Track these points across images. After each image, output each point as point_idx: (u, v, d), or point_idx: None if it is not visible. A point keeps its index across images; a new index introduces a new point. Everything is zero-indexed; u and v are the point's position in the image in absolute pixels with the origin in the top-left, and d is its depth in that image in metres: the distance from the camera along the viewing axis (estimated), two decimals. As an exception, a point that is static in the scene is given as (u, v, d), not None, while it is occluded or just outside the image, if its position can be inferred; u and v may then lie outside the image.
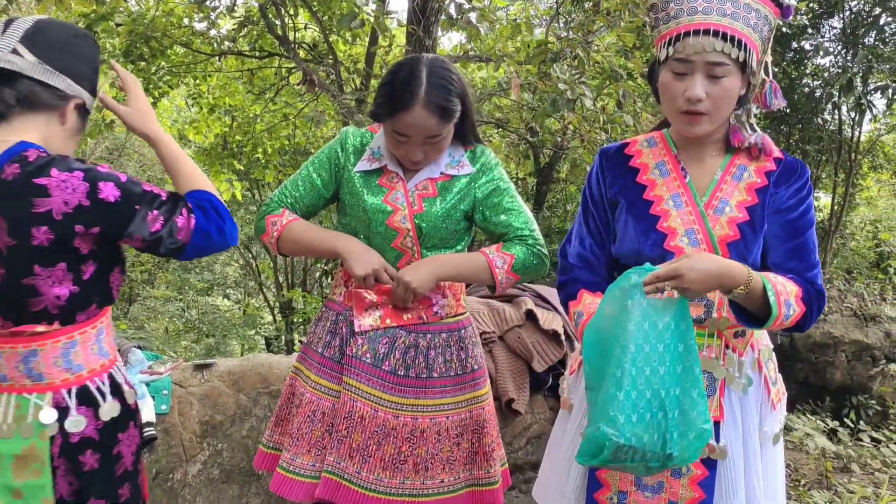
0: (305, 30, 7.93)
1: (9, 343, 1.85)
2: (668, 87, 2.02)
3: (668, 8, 1.98)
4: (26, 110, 1.88)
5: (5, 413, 1.86)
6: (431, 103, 2.24)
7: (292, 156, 8.99)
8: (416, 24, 6.22)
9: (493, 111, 7.50)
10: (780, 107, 2.09)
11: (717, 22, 1.92)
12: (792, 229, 2.08)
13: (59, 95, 1.91)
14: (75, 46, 1.95)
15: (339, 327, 2.49)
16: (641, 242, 2.09)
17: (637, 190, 2.15)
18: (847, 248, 10.06)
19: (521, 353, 3.90)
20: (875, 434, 6.17)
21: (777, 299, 1.90)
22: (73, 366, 1.91)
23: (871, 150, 9.51)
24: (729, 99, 2.01)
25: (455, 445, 2.47)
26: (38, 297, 1.84)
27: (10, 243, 1.80)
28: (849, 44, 7.98)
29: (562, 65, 5.25)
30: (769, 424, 2.16)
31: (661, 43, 2.01)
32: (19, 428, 1.85)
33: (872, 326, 7.14)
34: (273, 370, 3.82)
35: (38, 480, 1.86)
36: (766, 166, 2.12)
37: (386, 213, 2.40)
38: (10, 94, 1.86)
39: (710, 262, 1.87)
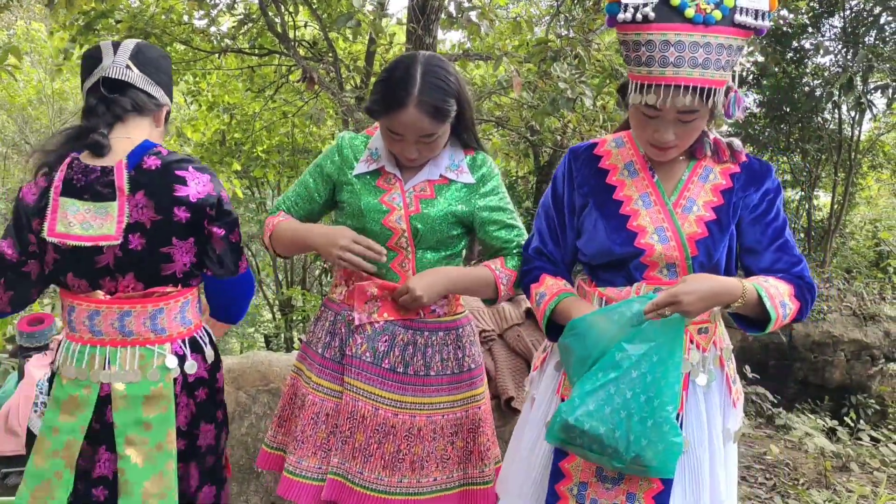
0: (305, 28, 7.93)
1: (140, 302, 2.30)
2: (639, 122, 2.05)
3: (639, 51, 1.93)
4: (136, 115, 2.34)
5: (131, 362, 2.29)
6: (425, 103, 2.21)
7: (291, 154, 9.00)
8: (416, 23, 6.21)
9: (493, 109, 7.50)
10: (740, 119, 2.09)
11: (689, 76, 1.88)
12: (771, 233, 2.13)
13: (156, 103, 2.39)
14: (163, 64, 2.45)
15: (337, 327, 2.48)
16: (612, 241, 2.12)
17: (607, 190, 2.17)
18: (847, 247, 10.07)
19: (520, 352, 3.90)
20: (874, 433, 6.18)
21: (773, 303, 1.96)
22: (185, 321, 2.39)
23: (870, 149, 9.53)
24: (696, 132, 2.04)
25: (450, 444, 2.46)
26: (171, 263, 2.29)
27: (155, 218, 2.23)
28: (849, 43, 7.99)
29: (562, 63, 5.25)
30: (731, 422, 2.19)
31: (633, 82, 1.99)
32: (146, 374, 2.29)
33: (871, 326, 7.15)
34: (272, 368, 3.82)
35: (164, 414, 2.30)
36: (731, 168, 2.14)
37: (382, 213, 2.39)
38: (126, 101, 2.31)
39: (703, 282, 1.92)
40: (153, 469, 2.30)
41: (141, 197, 2.22)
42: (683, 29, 1.88)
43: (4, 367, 4.07)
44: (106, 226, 2.22)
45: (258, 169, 8.83)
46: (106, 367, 2.28)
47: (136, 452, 2.29)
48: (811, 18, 8.26)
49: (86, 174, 2.25)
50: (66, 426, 2.27)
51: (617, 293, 2.12)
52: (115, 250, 2.23)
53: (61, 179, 2.24)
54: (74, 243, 2.21)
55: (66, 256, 2.25)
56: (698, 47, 1.88)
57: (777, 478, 4.92)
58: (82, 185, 2.24)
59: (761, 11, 1.91)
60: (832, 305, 7.23)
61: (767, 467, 5.11)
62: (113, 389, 2.28)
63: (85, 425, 2.27)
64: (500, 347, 3.95)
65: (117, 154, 2.27)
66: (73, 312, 2.31)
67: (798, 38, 8.17)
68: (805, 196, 9.22)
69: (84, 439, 2.27)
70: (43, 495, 2.25)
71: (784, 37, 8.00)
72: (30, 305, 2.54)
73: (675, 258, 2.06)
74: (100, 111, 2.29)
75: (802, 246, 9.15)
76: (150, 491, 2.29)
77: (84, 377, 2.28)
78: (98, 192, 2.23)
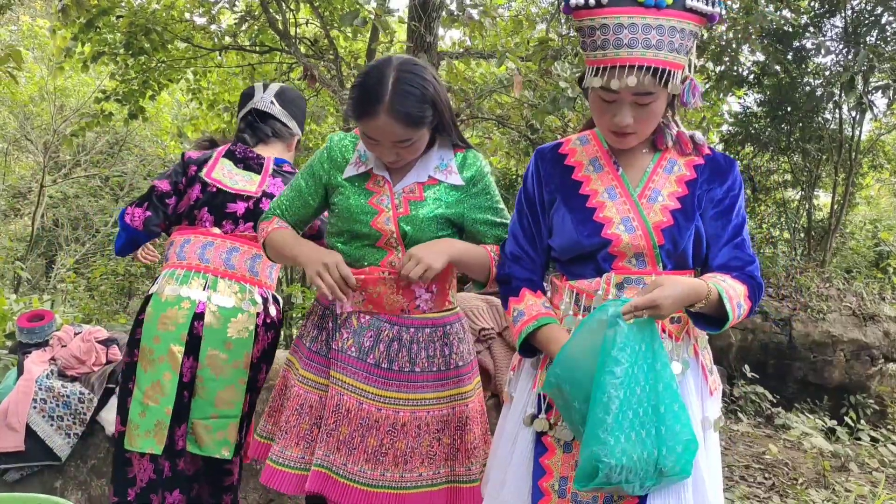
0: (307, 25, 7.93)
1: (247, 242, 2.96)
2: (597, 108, 2.09)
3: (594, 35, 1.99)
4: (275, 140, 3.12)
5: (228, 290, 2.90)
6: (396, 111, 2.21)
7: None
8: (418, 21, 6.21)
9: (493, 108, 7.49)
10: (698, 107, 2.12)
11: (642, 56, 1.93)
12: (731, 230, 2.17)
13: (290, 133, 3.16)
14: (299, 103, 3.22)
15: (325, 322, 2.51)
16: (579, 233, 2.14)
17: (573, 186, 2.20)
18: (847, 247, 10.08)
19: (519, 350, 3.90)
20: (873, 433, 6.19)
21: (731, 304, 2.00)
22: (270, 277, 3.05)
23: (871, 149, 9.52)
24: (655, 117, 2.08)
25: (435, 440, 2.47)
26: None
27: None
28: (850, 43, 7.98)
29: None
30: (709, 411, 2.20)
31: (590, 67, 2.04)
32: (237, 301, 2.89)
33: (871, 325, 7.15)
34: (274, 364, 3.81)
35: (245, 338, 2.89)
36: (695, 160, 2.19)
37: (371, 215, 2.40)
38: (267, 129, 3.10)
39: (678, 286, 1.95)
40: (227, 381, 2.86)
41: (278, 181, 3.00)
42: (636, 12, 1.94)
43: (4, 364, 4.07)
44: (249, 185, 2.98)
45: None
46: (206, 290, 2.85)
47: (216, 365, 2.84)
48: (812, 18, 8.25)
49: (245, 152, 3.04)
50: (167, 335, 2.81)
51: (588, 285, 2.15)
52: (248, 203, 2.95)
53: (225, 149, 3.04)
54: (223, 188, 2.95)
55: (207, 196, 2.95)
56: (650, 29, 1.94)
57: (776, 477, 4.93)
58: (240, 157, 3.03)
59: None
60: (832, 305, 7.23)
61: (766, 467, 5.11)
62: (208, 308, 2.84)
63: (185, 333, 2.81)
64: (500, 346, 3.95)
65: (264, 153, 3.06)
66: (188, 244, 2.92)
67: (799, 38, 8.16)
68: (805, 196, 9.22)
69: None
70: (154, 394, 2.79)
71: (785, 36, 7.99)
72: (153, 237, 3.11)
73: (642, 247, 2.10)
74: (247, 133, 3.09)
75: (803, 246, 9.15)
76: (222, 398, 2.86)
77: (185, 294, 2.84)
78: (250, 165, 3.02)
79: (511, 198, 7.29)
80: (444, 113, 2.34)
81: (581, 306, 2.16)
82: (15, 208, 13.81)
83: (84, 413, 3.59)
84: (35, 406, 3.53)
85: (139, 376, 2.82)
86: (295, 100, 3.19)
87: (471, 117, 6.94)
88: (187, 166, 3.00)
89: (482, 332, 3.92)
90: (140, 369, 2.82)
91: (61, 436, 3.55)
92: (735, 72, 8.11)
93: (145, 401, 2.79)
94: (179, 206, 3.00)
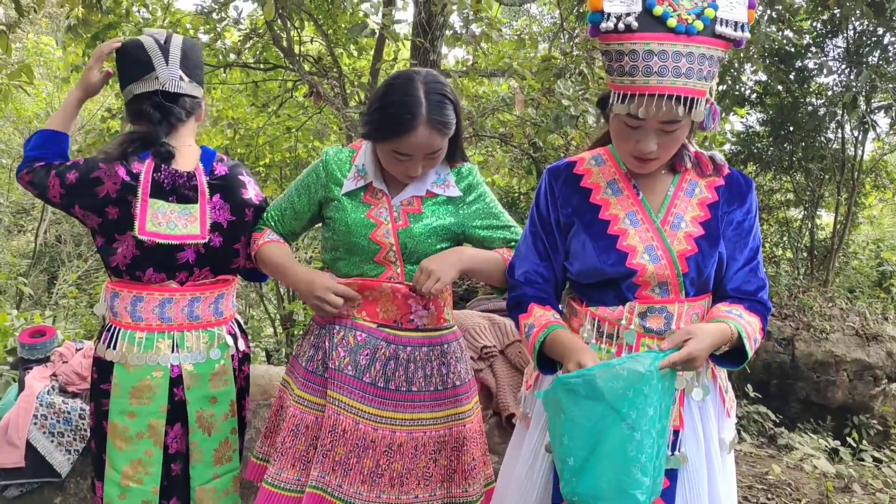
0: (311, 43, 7.95)
1: (208, 289, 2.61)
2: (621, 132, 2.04)
3: (622, 60, 1.92)
4: (186, 119, 2.61)
5: (197, 344, 2.57)
6: (434, 121, 2.23)
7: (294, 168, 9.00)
8: (423, 37, 6.23)
9: (496, 126, 7.50)
10: (716, 131, 2.10)
11: (672, 85, 1.88)
12: (748, 253, 2.16)
13: (198, 102, 2.66)
14: (200, 59, 2.68)
15: (321, 341, 2.48)
16: (602, 262, 2.10)
17: (591, 211, 2.16)
18: (849, 266, 10.05)
19: (522, 368, 3.89)
20: (876, 454, 6.16)
21: (749, 342, 2.02)
22: (232, 306, 2.73)
23: (873, 169, 9.52)
24: (678, 144, 2.04)
25: (432, 461, 2.44)
26: (238, 257, 2.65)
27: (230, 219, 2.58)
28: (852, 63, 8.00)
29: (566, 81, 5.26)
30: (726, 432, 2.19)
31: (615, 92, 1.98)
32: (209, 353, 2.59)
33: (874, 345, 7.13)
34: (273, 382, 3.81)
35: (227, 388, 2.64)
36: (716, 181, 2.17)
37: (369, 227, 2.39)
38: (180, 112, 2.57)
39: (710, 336, 1.96)
40: (220, 437, 2.64)
41: (217, 200, 2.57)
42: (666, 38, 1.89)
43: (5, 379, 4.06)
44: (191, 227, 2.53)
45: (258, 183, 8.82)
46: (174, 351, 2.53)
47: (206, 425, 2.60)
48: (814, 38, 8.28)
49: (172, 177, 2.52)
50: (143, 409, 2.51)
51: (610, 313, 2.12)
52: (198, 247, 2.55)
53: (148, 183, 2.48)
54: (163, 241, 2.49)
55: (146, 253, 2.49)
56: (681, 57, 1.89)
57: (779, 498, 4.90)
58: (169, 188, 2.51)
59: (741, 23, 1.93)
60: (835, 325, 7.21)
61: (769, 487, 5.08)
62: (184, 370, 2.54)
63: (164, 405, 2.51)
64: (502, 363, 3.94)
65: (188, 160, 2.58)
66: (142, 302, 2.53)
67: (801, 58, 8.19)
68: (808, 215, 9.22)
69: None
70: (136, 474, 2.50)
71: (787, 56, 8.01)
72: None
73: (666, 276, 2.07)
74: (155, 119, 2.53)
75: (805, 265, 9.14)
76: (219, 455, 2.65)
77: (154, 362, 2.51)
78: (182, 193, 2.53)
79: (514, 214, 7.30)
80: (461, 118, 2.37)
81: (604, 334, 2.13)
82: (18, 224, 13.82)
83: (85, 430, 3.57)
84: (36, 422, 3.52)
85: (113, 455, 2.50)
86: (197, 58, 2.66)
87: (474, 135, 6.95)
88: (100, 198, 2.48)
89: (484, 350, 3.91)
90: (113, 448, 2.50)
91: (62, 452, 3.54)
92: (737, 91, 8.12)
93: (124, 482, 2.49)
94: (111, 259, 2.52)
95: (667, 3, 1.90)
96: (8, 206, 13.26)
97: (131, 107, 2.57)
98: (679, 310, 2.09)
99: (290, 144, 8.92)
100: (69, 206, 2.52)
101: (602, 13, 1.91)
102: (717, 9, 1.90)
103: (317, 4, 7.08)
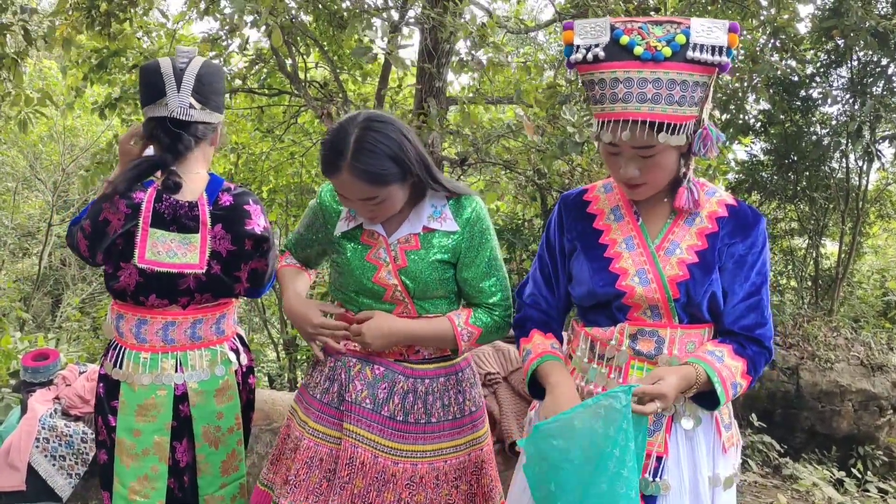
0: (316, 69, 8.00)
1: (210, 311, 2.66)
2: (606, 160, 2.10)
3: (594, 89, 2.00)
4: (196, 147, 2.58)
5: (201, 363, 2.63)
6: (356, 168, 2.18)
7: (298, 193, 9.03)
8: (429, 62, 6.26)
9: (501, 153, 7.53)
10: (712, 157, 2.11)
11: (636, 111, 1.92)
12: (748, 287, 2.14)
13: (213, 128, 2.64)
14: (218, 84, 2.61)
15: (337, 373, 2.46)
16: (594, 282, 2.14)
17: (593, 235, 2.21)
18: (854, 296, 10.03)
19: (525, 395, 3.88)
20: (882, 485, 6.11)
21: (724, 387, 2.03)
22: (234, 323, 2.79)
23: (878, 198, 9.53)
24: (664, 170, 2.06)
25: (454, 489, 2.44)
26: (239, 282, 2.68)
27: (231, 249, 2.59)
28: (857, 93, 8.03)
29: (570, 107, 5.28)
30: (721, 467, 2.17)
31: (596, 120, 2.04)
32: (213, 370, 2.65)
33: (879, 376, 7.10)
34: (276, 407, 3.80)
35: (232, 403, 2.71)
36: (718, 212, 2.17)
37: (370, 271, 2.38)
38: (189, 140, 2.55)
39: (677, 378, 1.98)
40: (227, 449, 2.71)
41: (219, 230, 2.57)
42: (632, 66, 1.94)
43: (6, 402, 4.06)
44: (191, 256, 2.56)
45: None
46: (178, 370, 2.60)
47: (213, 439, 2.67)
48: (819, 68, 8.31)
49: (174, 208, 2.54)
50: (148, 427, 2.58)
51: (602, 333, 2.15)
52: (198, 275, 2.57)
53: (149, 213, 2.52)
54: (162, 269, 2.53)
55: (147, 280, 2.55)
56: (646, 83, 1.93)
57: (784, 528, 4.86)
58: (170, 218, 2.54)
59: (718, 47, 1.93)
60: (840, 355, 7.18)
61: (774, 517, 5.05)
62: (189, 388, 2.61)
63: (168, 422, 2.59)
64: (505, 390, 3.93)
65: (193, 190, 2.58)
66: (146, 325, 2.60)
67: (806, 88, 8.21)
68: (812, 244, 9.21)
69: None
70: (142, 489, 2.57)
71: (791, 85, 8.04)
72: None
73: (656, 300, 2.09)
74: (164, 144, 2.54)
75: (810, 294, 9.12)
76: (227, 466, 2.73)
77: (159, 381, 2.58)
78: (183, 223, 2.55)
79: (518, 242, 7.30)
80: (414, 167, 2.27)
81: (595, 353, 2.17)
82: (23, 247, 13.85)
83: (86, 453, 3.56)
84: (38, 445, 3.51)
85: (120, 471, 2.58)
86: (214, 83, 2.60)
87: (478, 161, 6.97)
88: (111, 236, 2.55)
89: (488, 377, 3.90)
90: (120, 464, 2.58)
91: (63, 476, 3.53)
92: (741, 120, 8.14)
93: (132, 497, 2.56)
94: (116, 285, 2.60)
95: (635, 32, 1.95)
96: (13, 228, 13.29)
97: (146, 127, 2.60)
98: (672, 335, 2.10)
99: (294, 170, 8.96)
100: (94, 256, 2.60)
101: (573, 46, 1.99)
102: (690, 34, 1.92)
103: (322, 31, 7.13)
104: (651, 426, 2.06)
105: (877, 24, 6.71)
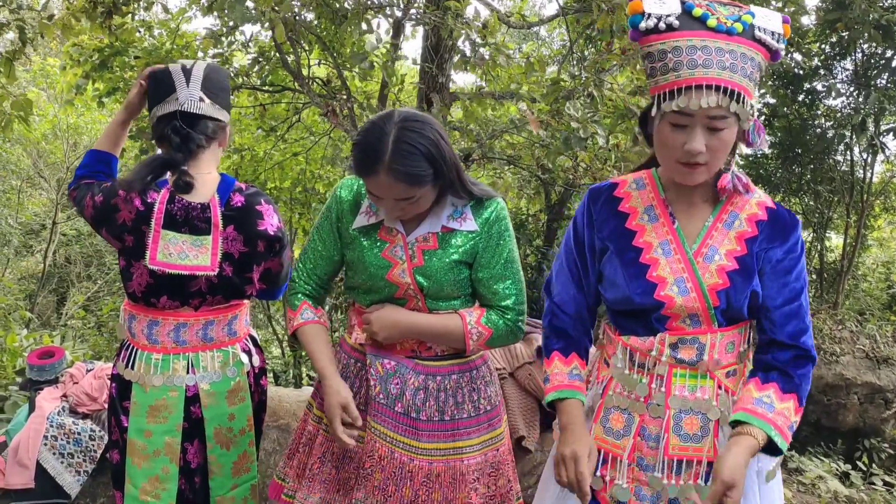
0: (319, 66, 7.99)
1: (222, 312, 2.64)
2: (667, 137, 1.99)
3: (665, 59, 1.92)
4: (207, 145, 2.59)
5: (212, 364, 2.62)
6: (395, 170, 2.14)
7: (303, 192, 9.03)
8: (431, 62, 6.25)
9: (505, 148, 7.52)
10: (763, 147, 2.08)
11: (718, 76, 1.88)
12: (788, 293, 2.08)
13: (222, 126, 2.64)
14: (225, 83, 2.66)
15: (349, 370, 2.48)
16: (631, 290, 2.08)
17: (626, 236, 2.14)
18: (859, 289, 10.02)
19: (531, 391, 3.88)
20: (887, 477, 6.11)
21: (783, 436, 1.99)
22: (246, 324, 2.76)
23: (883, 191, 9.52)
24: (726, 149, 1.99)
25: (472, 490, 2.41)
26: (251, 284, 2.66)
27: (243, 250, 2.58)
28: (861, 86, 8.01)
29: (574, 103, 5.27)
30: (763, 461, 2.13)
31: (659, 93, 1.96)
32: (225, 371, 2.64)
33: (885, 368, 7.09)
34: (282, 404, 3.80)
35: (244, 404, 2.69)
36: (757, 215, 2.11)
37: (385, 268, 2.35)
38: (200, 138, 2.55)
39: (738, 457, 1.91)
40: (238, 450, 2.69)
41: (231, 231, 2.56)
42: (708, 36, 1.91)
43: (14, 400, 4.07)
44: (202, 258, 2.55)
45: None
46: (190, 372, 2.59)
47: (224, 440, 2.65)
48: (823, 61, 8.30)
49: (186, 209, 2.53)
50: (159, 428, 2.57)
51: (640, 343, 2.10)
52: (209, 277, 2.56)
53: (161, 214, 2.52)
54: (173, 271, 2.52)
55: (159, 282, 2.54)
56: (724, 52, 1.90)
57: (790, 522, 4.86)
58: (181, 219, 2.53)
59: (777, 34, 1.95)
60: (845, 348, 7.18)
61: (780, 511, 5.04)
62: (200, 389, 2.60)
63: (179, 423, 2.58)
64: (511, 386, 3.93)
65: (205, 191, 2.57)
66: (157, 326, 2.59)
67: (810, 81, 8.20)
68: (817, 237, 9.20)
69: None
70: (153, 489, 2.56)
71: (796, 79, 8.03)
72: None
73: (696, 309, 2.04)
74: (175, 143, 2.53)
75: (815, 287, 9.11)
76: (238, 467, 2.71)
77: (171, 383, 2.57)
78: (195, 225, 2.54)
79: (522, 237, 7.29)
80: (449, 169, 2.25)
81: (636, 363, 2.12)
82: (27, 245, 13.87)
83: (95, 451, 3.57)
84: (46, 443, 3.52)
85: (132, 472, 2.57)
86: (221, 81, 2.66)
87: (482, 157, 6.96)
88: (118, 225, 2.56)
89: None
90: (132, 465, 2.57)
91: (71, 473, 3.54)
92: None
93: (143, 497, 2.56)
94: (129, 284, 2.60)
95: (705, 7, 1.93)
96: (17, 226, 13.31)
97: (155, 130, 2.60)
98: (712, 340, 2.06)
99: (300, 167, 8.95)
100: (98, 229, 2.63)
101: (643, 14, 1.94)
102: (755, 16, 1.93)
103: (325, 27, 7.12)
104: (699, 432, 2.04)
105: (881, 17, 6.70)
